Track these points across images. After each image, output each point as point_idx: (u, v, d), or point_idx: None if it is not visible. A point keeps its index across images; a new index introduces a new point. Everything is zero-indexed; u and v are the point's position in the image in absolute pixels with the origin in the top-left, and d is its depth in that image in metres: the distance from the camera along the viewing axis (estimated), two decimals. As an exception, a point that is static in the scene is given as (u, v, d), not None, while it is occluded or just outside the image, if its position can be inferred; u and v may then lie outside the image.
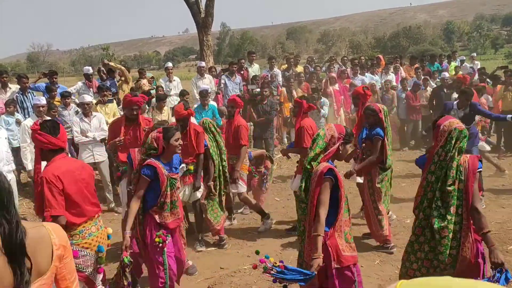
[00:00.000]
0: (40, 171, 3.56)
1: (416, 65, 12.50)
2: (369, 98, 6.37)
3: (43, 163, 3.59)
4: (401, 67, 12.49)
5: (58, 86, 9.13)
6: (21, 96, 8.15)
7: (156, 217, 3.99)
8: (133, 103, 5.49)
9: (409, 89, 10.67)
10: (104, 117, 7.78)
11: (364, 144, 5.48)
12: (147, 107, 8.54)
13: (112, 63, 10.30)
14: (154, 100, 9.07)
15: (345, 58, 14.06)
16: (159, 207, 4.00)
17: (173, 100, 9.84)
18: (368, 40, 58.80)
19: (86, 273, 3.60)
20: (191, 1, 15.29)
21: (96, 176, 7.75)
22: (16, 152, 6.91)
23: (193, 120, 6.04)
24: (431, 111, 10.30)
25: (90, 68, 9.83)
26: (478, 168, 3.40)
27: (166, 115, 8.69)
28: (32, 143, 6.50)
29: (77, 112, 7.66)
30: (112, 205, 7.49)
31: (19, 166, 7.08)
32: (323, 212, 3.21)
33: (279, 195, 7.85)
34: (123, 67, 10.15)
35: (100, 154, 7.25)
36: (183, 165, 4.97)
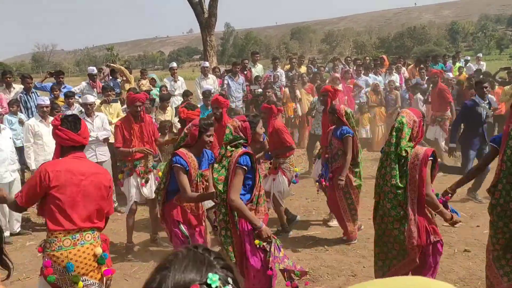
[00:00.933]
0: None
1: (421, 66, 12.45)
2: (338, 96, 6.57)
3: None
4: (403, 68, 12.44)
5: (65, 86, 9.16)
6: (25, 96, 8.18)
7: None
8: (136, 100, 5.51)
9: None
10: (108, 117, 7.80)
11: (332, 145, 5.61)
12: (151, 107, 8.56)
13: (113, 64, 10.33)
14: (158, 100, 9.09)
15: (349, 58, 14.03)
16: (255, 202, 3.59)
17: (178, 100, 9.86)
18: (373, 40, 58.75)
19: None
20: (195, 1, 15.30)
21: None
22: (19, 151, 6.94)
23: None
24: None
25: (94, 68, 9.87)
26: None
27: (169, 115, 8.72)
28: (36, 143, 6.58)
29: (81, 112, 7.68)
30: (115, 204, 7.50)
31: (23, 165, 7.10)
32: (431, 190, 3.55)
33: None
34: (122, 68, 10.17)
35: (103, 154, 7.26)
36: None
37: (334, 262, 5.12)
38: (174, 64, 11.12)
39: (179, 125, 7.83)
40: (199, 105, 8.69)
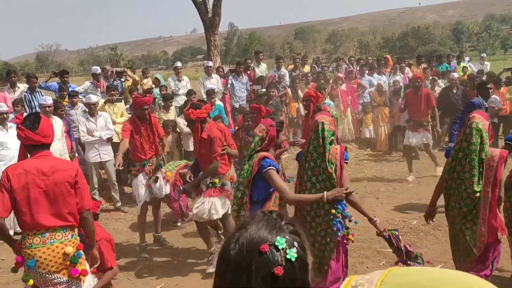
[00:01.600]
0: None
1: (424, 65, 12.42)
2: (321, 101, 6.40)
3: None
4: (407, 68, 12.38)
5: (70, 86, 9.16)
6: (29, 95, 8.19)
7: None
8: (144, 103, 5.45)
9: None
10: (112, 116, 7.82)
11: None
12: (153, 106, 8.58)
13: (119, 69, 10.24)
14: (158, 99, 9.10)
15: (352, 58, 14.00)
16: (273, 202, 3.75)
17: (182, 100, 9.85)
18: (377, 40, 58.60)
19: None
20: (199, 1, 15.29)
21: (102, 175, 7.84)
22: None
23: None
24: (439, 112, 10.20)
25: (98, 68, 9.85)
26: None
27: (172, 115, 8.73)
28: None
29: (85, 112, 7.70)
30: (119, 204, 7.52)
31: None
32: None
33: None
34: (130, 73, 10.08)
35: (107, 153, 7.29)
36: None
37: (337, 263, 5.10)
38: (179, 64, 11.12)
39: (182, 125, 7.87)
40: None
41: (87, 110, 7.39)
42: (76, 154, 7.66)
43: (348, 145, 10.11)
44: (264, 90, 9.44)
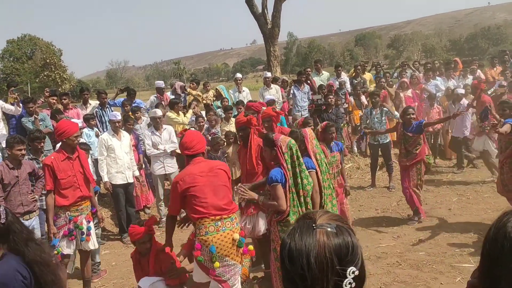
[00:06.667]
0: None
1: (499, 68, 11.44)
2: (279, 119, 5.95)
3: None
4: (478, 70, 11.62)
5: (135, 102, 9.44)
6: (100, 111, 8.62)
7: None
8: (248, 124, 4.92)
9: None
10: (176, 127, 8.02)
11: None
12: (216, 118, 8.70)
13: (191, 94, 10.23)
14: (218, 111, 9.22)
15: (417, 63, 13.42)
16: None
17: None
18: (443, 43, 56.23)
19: None
20: (258, 13, 15.46)
21: (167, 186, 8.04)
22: (94, 164, 7.28)
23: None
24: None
25: (162, 82, 10.18)
26: None
27: (233, 126, 8.80)
28: (109, 156, 6.86)
29: (149, 125, 7.96)
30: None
31: (99, 177, 7.41)
32: None
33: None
34: (193, 94, 10.17)
35: (171, 166, 7.47)
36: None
37: (408, 278, 4.82)
38: (239, 75, 11.23)
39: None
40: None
41: (151, 123, 7.63)
42: (143, 166, 7.94)
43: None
44: (322, 99, 9.28)
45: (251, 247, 4.03)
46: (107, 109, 8.69)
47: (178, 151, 7.81)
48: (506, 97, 7.90)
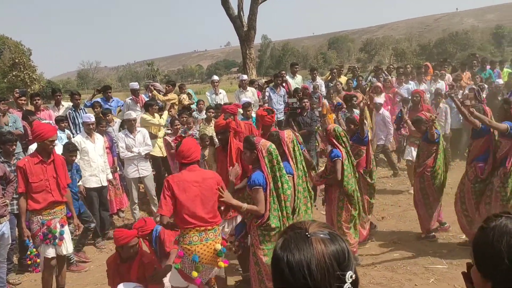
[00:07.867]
0: None
1: (468, 73, 11.72)
2: (268, 122, 5.81)
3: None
4: (448, 74, 11.92)
5: (113, 100, 9.47)
6: (73, 112, 8.43)
7: None
8: (227, 127, 4.95)
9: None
10: (151, 129, 7.92)
11: None
12: (194, 119, 8.67)
13: (154, 93, 9.96)
14: (194, 113, 9.17)
15: (392, 66, 13.65)
16: None
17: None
18: (413, 48, 57.55)
19: None
20: (234, 15, 15.45)
21: (141, 189, 7.94)
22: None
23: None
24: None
25: (136, 83, 10.02)
26: None
27: (213, 128, 8.76)
28: (82, 159, 6.73)
29: (122, 127, 7.84)
30: (158, 218, 7.56)
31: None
32: None
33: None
34: (160, 96, 9.92)
35: (145, 169, 7.36)
36: None
37: (383, 279, 4.91)
38: (216, 78, 11.16)
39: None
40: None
41: (124, 125, 7.51)
42: (118, 169, 7.81)
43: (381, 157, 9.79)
44: (298, 103, 9.34)
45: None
46: (81, 110, 8.53)
47: (152, 153, 7.75)
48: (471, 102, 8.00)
